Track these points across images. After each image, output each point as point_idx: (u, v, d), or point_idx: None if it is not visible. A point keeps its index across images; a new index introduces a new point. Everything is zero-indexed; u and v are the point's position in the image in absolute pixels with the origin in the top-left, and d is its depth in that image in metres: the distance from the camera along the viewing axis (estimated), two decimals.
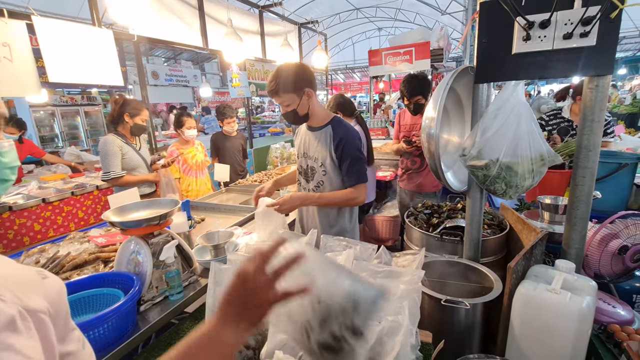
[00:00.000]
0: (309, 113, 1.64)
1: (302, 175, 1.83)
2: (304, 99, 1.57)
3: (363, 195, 1.67)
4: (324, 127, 1.68)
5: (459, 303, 1.25)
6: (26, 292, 0.45)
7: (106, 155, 2.37)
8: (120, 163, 2.40)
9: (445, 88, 1.43)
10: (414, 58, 4.95)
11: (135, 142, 2.61)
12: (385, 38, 18.24)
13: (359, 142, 1.67)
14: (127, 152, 2.46)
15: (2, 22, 1.81)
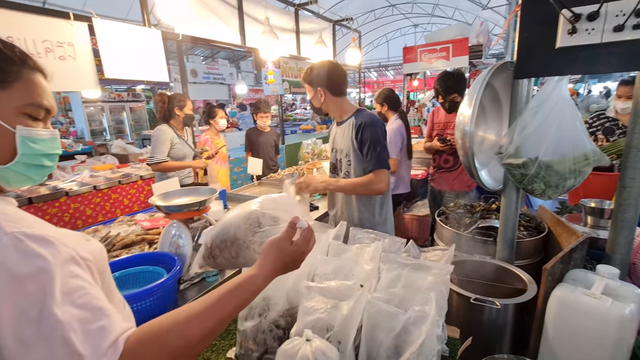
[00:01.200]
0: (322, 108, 1.79)
1: (332, 170, 1.90)
2: (317, 93, 1.75)
3: (383, 182, 1.66)
4: (348, 119, 1.76)
5: (489, 302, 1.23)
6: (77, 245, 0.55)
7: (156, 142, 2.59)
8: (166, 151, 2.60)
9: (482, 84, 1.40)
10: (451, 55, 4.80)
11: (184, 135, 2.81)
12: (421, 35, 17.78)
13: (380, 129, 1.68)
14: (177, 143, 2.68)
15: (68, 24, 2.01)
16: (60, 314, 0.45)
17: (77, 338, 0.45)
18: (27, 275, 0.45)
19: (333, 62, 1.81)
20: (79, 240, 0.58)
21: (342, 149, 1.78)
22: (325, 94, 1.74)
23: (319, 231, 1.34)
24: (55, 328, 0.44)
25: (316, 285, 0.92)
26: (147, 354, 0.51)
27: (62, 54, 2.00)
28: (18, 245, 0.47)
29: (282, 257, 0.70)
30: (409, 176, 2.97)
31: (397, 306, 0.86)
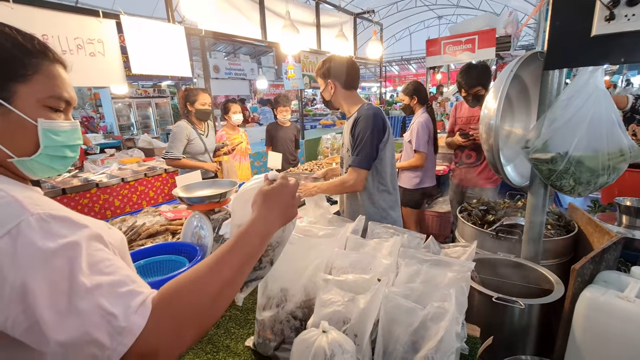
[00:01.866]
0: (332, 101, 1.80)
1: (341, 165, 1.93)
2: (328, 87, 1.76)
3: (357, 181, 1.65)
4: (352, 115, 1.77)
5: (512, 302, 1.19)
6: (101, 230, 0.58)
7: (172, 138, 2.63)
8: (181, 148, 2.63)
9: (509, 75, 1.34)
10: (477, 47, 4.63)
11: (204, 129, 2.81)
12: (446, 27, 17.25)
13: (373, 125, 1.63)
14: (194, 139, 2.69)
15: (97, 22, 2.10)
16: (88, 283, 0.48)
17: (108, 301, 0.48)
18: (55, 251, 0.48)
19: (345, 56, 1.83)
20: (101, 227, 0.61)
21: (345, 144, 1.81)
22: (335, 87, 1.75)
23: (337, 225, 1.34)
24: (86, 296, 0.47)
25: (333, 278, 0.92)
26: (173, 308, 0.52)
27: (92, 51, 2.09)
28: (44, 225, 0.49)
29: (267, 198, 0.71)
30: (434, 170, 2.91)
31: (416, 302, 0.84)
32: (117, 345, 0.47)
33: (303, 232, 1.21)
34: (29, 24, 1.79)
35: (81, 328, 0.46)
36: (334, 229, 1.24)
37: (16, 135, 0.57)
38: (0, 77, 0.55)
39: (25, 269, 0.46)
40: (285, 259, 1.01)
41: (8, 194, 0.51)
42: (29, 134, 0.58)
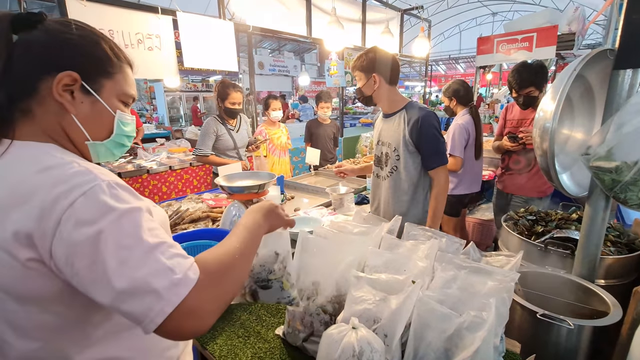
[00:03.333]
0: (373, 96, 1.72)
1: (376, 163, 1.87)
2: (370, 81, 1.68)
3: (445, 177, 1.68)
4: (398, 112, 1.71)
5: (559, 321, 1.10)
6: (150, 206, 0.66)
7: (202, 134, 2.65)
8: (210, 144, 2.63)
9: (571, 75, 1.23)
10: (535, 45, 4.30)
11: (234, 124, 2.79)
12: (500, 24, 16.24)
13: (436, 122, 1.64)
14: (222, 135, 2.67)
15: (156, 18, 2.25)
16: (150, 240, 0.54)
17: (166, 258, 0.54)
18: (122, 212, 0.55)
19: (386, 50, 1.75)
20: (149, 205, 0.68)
21: (390, 143, 1.73)
22: (379, 81, 1.68)
23: (373, 223, 1.32)
24: (148, 251, 0.53)
25: (366, 276, 0.91)
26: (210, 268, 0.58)
27: (150, 45, 2.25)
28: (112, 191, 0.56)
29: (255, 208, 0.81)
30: (475, 175, 2.73)
31: (451, 308, 0.81)
32: (172, 296, 0.51)
33: (338, 228, 1.21)
34: (98, 20, 1.96)
35: (142, 278, 0.51)
36: (369, 227, 1.23)
37: (97, 122, 0.67)
38: (96, 71, 0.65)
39: (98, 222, 0.52)
40: (319, 253, 1.02)
41: (81, 165, 0.58)
42: (106, 122, 0.69)
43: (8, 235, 0.53)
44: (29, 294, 0.56)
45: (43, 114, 0.62)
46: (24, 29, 0.61)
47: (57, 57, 0.62)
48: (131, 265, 0.52)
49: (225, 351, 1.03)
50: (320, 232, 1.13)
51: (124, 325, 0.65)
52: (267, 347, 1.05)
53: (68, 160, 0.58)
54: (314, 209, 2.09)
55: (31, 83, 0.61)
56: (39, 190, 0.53)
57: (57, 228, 0.52)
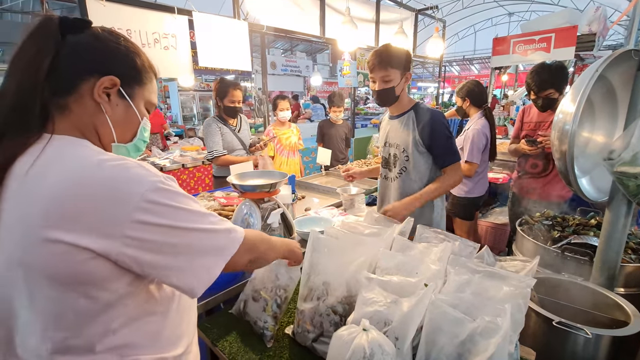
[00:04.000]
0: (400, 96, 1.66)
1: (384, 165, 1.84)
2: (403, 80, 1.62)
3: (459, 174, 1.65)
4: (406, 113, 1.68)
5: (576, 329, 1.06)
6: None
7: (207, 136, 2.53)
8: (221, 143, 2.53)
9: (593, 76, 1.19)
10: (553, 46, 4.19)
11: (235, 124, 2.68)
12: (517, 24, 15.93)
13: (445, 121, 1.63)
14: (225, 134, 2.57)
15: (172, 17, 2.29)
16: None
17: (221, 225, 0.69)
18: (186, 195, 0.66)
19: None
20: None
21: (399, 144, 1.70)
22: (408, 80, 1.64)
23: (384, 225, 1.31)
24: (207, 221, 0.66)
25: (377, 278, 0.90)
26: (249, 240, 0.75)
27: (166, 44, 2.29)
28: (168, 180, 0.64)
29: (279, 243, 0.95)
30: (486, 178, 2.69)
31: (464, 313, 0.79)
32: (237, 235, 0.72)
33: (349, 229, 1.20)
34: (116, 19, 2.00)
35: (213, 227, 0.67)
36: (380, 228, 1.22)
37: (126, 125, 0.73)
38: (133, 80, 0.71)
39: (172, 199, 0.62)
40: (330, 253, 1.02)
41: (134, 161, 0.63)
42: (133, 126, 0.74)
43: (67, 224, 0.55)
44: (75, 279, 0.58)
45: (79, 112, 0.66)
46: (72, 31, 0.65)
47: (102, 61, 0.67)
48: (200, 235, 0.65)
49: (235, 348, 1.03)
50: (331, 232, 1.12)
51: (142, 311, 0.67)
52: (276, 345, 1.05)
53: (120, 157, 0.63)
54: (324, 209, 2.09)
55: (74, 81, 0.65)
56: (105, 183, 0.57)
57: (133, 218, 0.57)
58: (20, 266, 0.57)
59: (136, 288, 0.64)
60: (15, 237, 0.56)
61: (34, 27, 0.64)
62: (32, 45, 0.63)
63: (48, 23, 0.64)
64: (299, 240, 1.67)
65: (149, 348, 0.68)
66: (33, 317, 0.59)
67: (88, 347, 0.62)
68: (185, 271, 0.64)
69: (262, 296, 1.10)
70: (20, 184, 0.57)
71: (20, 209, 0.57)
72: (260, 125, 5.30)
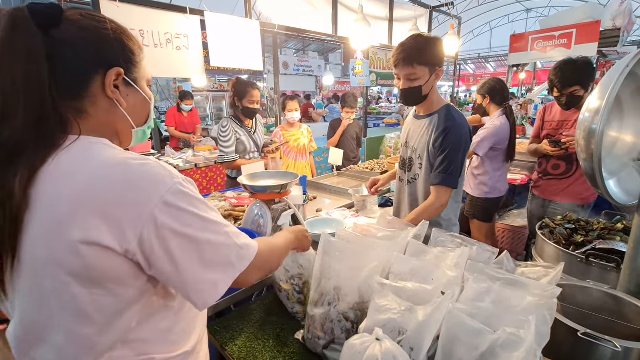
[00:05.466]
0: (429, 95, 1.49)
1: (401, 166, 1.73)
2: (432, 77, 1.43)
3: (444, 201, 1.46)
4: (431, 115, 1.52)
5: (604, 341, 1.00)
6: None
7: (221, 139, 2.49)
8: (234, 147, 2.48)
9: (623, 72, 1.12)
10: (574, 42, 4.05)
11: (251, 125, 2.66)
12: (535, 21, 15.50)
13: (463, 139, 1.44)
14: (241, 137, 2.53)
15: (184, 17, 2.30)
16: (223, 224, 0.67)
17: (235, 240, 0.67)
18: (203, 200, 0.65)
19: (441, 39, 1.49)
20: None
21: (416, 148, 1.57)
22: (439, 77, 1.45)
23: (398, 228, 1.26)
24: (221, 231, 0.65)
25: (391, 284, 0.86)
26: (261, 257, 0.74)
27: (178, 45, 2.30)
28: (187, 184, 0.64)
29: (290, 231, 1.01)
30: (503, 179, 2.60)
31: (484, 323, 0.75)
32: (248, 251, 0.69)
33: (361, 232, 1.17)
34: (129, 20, 2.02)
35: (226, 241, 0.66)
36: (394, 231, 1.18)
37: (139, 110, 0.71)
38: (130, 63, 0.67)
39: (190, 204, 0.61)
40: (341, 257, 0.98)
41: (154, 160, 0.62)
42: (146, 110, 0.73)
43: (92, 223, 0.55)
44: (100, 277, 0.58)
45: (96, 112, 0.64)
46: (51, 25, 0.58)
47: (100, 54, 0.63)
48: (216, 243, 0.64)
49: (244, 353, 1.01)
50: (343, 236, 1.09)
51: (160, 307, 0.67)
52: (286, 351, 1.02)
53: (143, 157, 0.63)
54: (336, 210, 2.06)
55: (82, 84, 0.62)
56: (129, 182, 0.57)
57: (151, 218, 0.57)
58: (48, 265, 0.57)
59: (156, 284, 0.65)
60: (44, 237, 0.56)
61: (3, 29, 0.55)
62: (15, 53, 0.55)
63: (19, 20, 0.55)
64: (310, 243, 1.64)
65: (161, 344, 0.68)
66: (60, 315, 0.59)
67: (111, 344, 0.62)
68: (190, 283, 0.62)
69: (282, 287, 1.17)
70: (49, 186, 0.56)
71: (48, 210, 0.56)
72: (272, 125, 5.30)
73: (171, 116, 5.23)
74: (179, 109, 5.31)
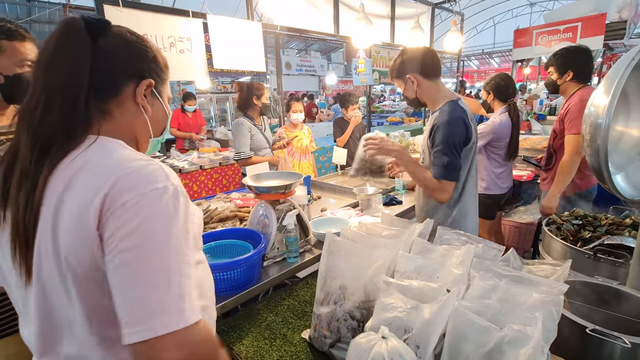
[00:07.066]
0: (418, 97, 1.63)
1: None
2: (408, 82, 1.59)
3: (447, 194, 1.52)
4: (434, 112, 1.59)
5: (613, 338, 0.99)
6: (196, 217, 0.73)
7: (237, 137, 2.65)
8: (248, 144, 2.68)
9: (629, 64, 1.10)
10: (579, 35, 4.00)
11: (261, 124, 2.85)
12: (539, 15, 15.32)
13: (456, 132, 1.47)
14: (255, 134, 2.73)
15: (187, 21, 2.32)
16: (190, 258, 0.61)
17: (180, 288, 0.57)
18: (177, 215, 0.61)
19: (417, 46, 1.64)
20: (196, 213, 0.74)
21: (423, 147, 1.64)
22: (416, 80, 1.57)
23: (402, 227, 1.26)
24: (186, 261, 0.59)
25: (396, 282, 0.86)
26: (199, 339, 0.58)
27: (181, 48, 2.31)
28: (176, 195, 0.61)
29: None
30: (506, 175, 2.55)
31: (490, 320, 0.75)
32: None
33: (366, 231, 1.17)
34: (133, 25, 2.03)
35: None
36: (399, 229, 1.18)
37: (159, 121, 0.78)
38: (159, 78, 0.75)
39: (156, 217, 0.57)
40: (347, 256, 0.99)
41: (157, 163, 0.63)
42: (164, 122, 0.80)
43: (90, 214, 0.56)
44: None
45: (121, 115, 0.69)
46: (99, 34, 0.66)
47: (138, 65, 0.71)
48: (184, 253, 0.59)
49: (251, 352, 1.02)
50: (348, 235, 1.09)
51: None
52: (293, 350, 1.03)
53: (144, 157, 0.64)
54: (340, 209, 2.06)
55: (117, 88, 0.68)
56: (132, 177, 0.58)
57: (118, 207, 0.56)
58: (60, 259, 0.58)
59: None
60: (54, 232, 0.58)
61: (61, 33, 0.63)
62: (67, 55, 0.62)
63: (75, 28, 0.63)
64: (315, 242, 1.64)
65: None
66: (77, 308, 0.61)
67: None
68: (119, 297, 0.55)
69: None
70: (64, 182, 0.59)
71: (60, 205, 0.58)
72: (275, 125, 5.32)
73: (175, 118, 5.27)
74: (182, 110, 5.35)
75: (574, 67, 2.11)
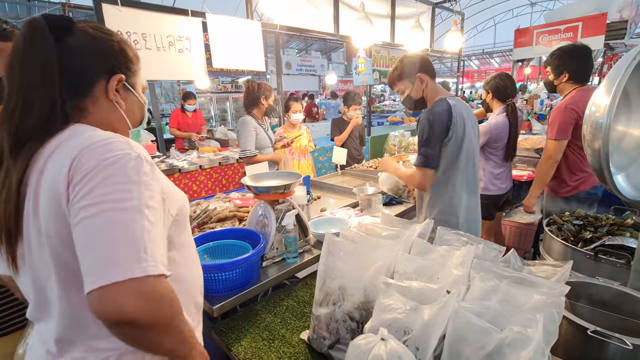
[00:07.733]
0: (425, 96, 1.67)
1: None
2: (417, 81, 1.64)
3: (423, 180, 1.63)
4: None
5: (614, 339, 0.98)
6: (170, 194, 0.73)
7: (242, 135, 2.69)
8: (254, 143, 2.71)
9: (630, 64, 1.10)
10: (580, 35, 4.00)
11: (264, 124, 2.91)
12: (540, 15, 15.30)
13: (431, 122, 1.56)
14: (260, 133, 2.77)
15: (186, 20, 2.31)
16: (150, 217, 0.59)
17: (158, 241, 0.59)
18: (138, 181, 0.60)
19: (420, 54, 1.74)
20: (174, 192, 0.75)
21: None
22: (426, 79, 1.64)
23: (401, 227, 1.26)
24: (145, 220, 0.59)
25: (396, 283, 0.86)
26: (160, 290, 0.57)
27: (181, 47, 2.31)
28: (139, 162, 0.62)
29: None
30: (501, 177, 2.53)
31: (490, 322, 0.74)
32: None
33: (366, 231, 1.16)
34: (131, 24, 2.03)
35: None
36: (398, 230, 1.17)
37: (135, 112, 0.79)
38: (130, 71, 0.75)
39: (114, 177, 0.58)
40: (346, 257, 0.98)
41: (125, 139, 0.65)
42: (141, 112, 0.81)
43: (60, 184, 0.58)
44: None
45: (96, 112, 0.71)
46: (64, 33, 0.66)
47: (107, 61, 0.71)
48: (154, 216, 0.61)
49: (250, 354, 1.02)
50: (347, 235, 1.09)
51: None
52: (291, 351, 1.02)
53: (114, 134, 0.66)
54: (340, 209, 2.05)
55: (88, 86, 0.69)
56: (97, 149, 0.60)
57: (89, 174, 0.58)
58: (43, 235, 0.61)
59: None
60: (36, 213, 0.61)
61: (24, 36, 0.63)
62: (33, 56, 0.63)
63: (37, 28, 0.63)
64: (314, 242, 1.64)
65: None
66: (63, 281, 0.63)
67: None
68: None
69: None
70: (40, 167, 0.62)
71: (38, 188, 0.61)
72: (275, 125, 5.32)
73: (174, 117, 5.26)
74: (182, 110, 5.34)
75: (569, 69, 2.08)
